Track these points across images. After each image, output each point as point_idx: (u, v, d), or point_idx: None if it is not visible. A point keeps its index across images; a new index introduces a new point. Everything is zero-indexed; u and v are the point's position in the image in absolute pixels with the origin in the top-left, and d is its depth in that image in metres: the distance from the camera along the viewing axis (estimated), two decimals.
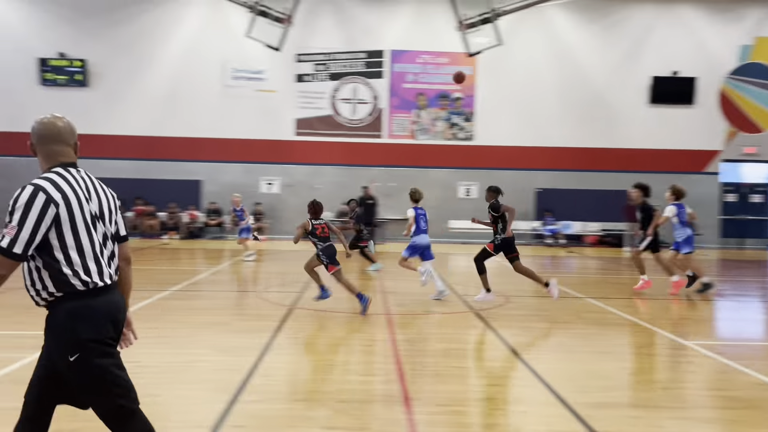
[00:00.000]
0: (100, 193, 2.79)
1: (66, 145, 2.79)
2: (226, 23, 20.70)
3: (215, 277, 11.56)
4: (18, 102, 20.43)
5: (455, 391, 4.96)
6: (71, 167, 2.75)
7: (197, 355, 5.74)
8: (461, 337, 7.05)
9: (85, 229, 2.64)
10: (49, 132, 2.77)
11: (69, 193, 2.61)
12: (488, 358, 6.03)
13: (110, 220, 2.81)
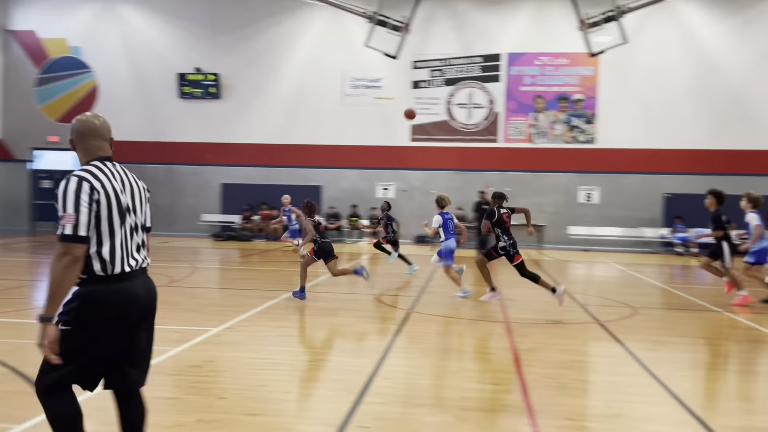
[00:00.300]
0: (133, 186, 2.98)
1: (103, 140, 3.01)
2: (345, 34, 21.37)
3: (336, 279, 11.92)
4: (160, 114, 22.32)
5: (582, 405, 4.79)
6: (107, 161, 2.95)
7: (321, 355, 5.96)
8: (586, 348, 6.79)
9: (118, 219, 2.83)
10: (88, 128, 2.99)
11: (106, 184, 2.81)
12: (616, 372, 5.75)
13: (141, 211, 3.00)
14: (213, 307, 8.56)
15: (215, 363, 5.54)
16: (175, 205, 22.32)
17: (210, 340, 6.41)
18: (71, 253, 2.67)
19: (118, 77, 22.44)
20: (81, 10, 22.41)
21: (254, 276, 12.13)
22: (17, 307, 8.36)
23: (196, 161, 22.27)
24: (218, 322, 7.25)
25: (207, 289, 10.50)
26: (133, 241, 2.93)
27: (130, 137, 22.44)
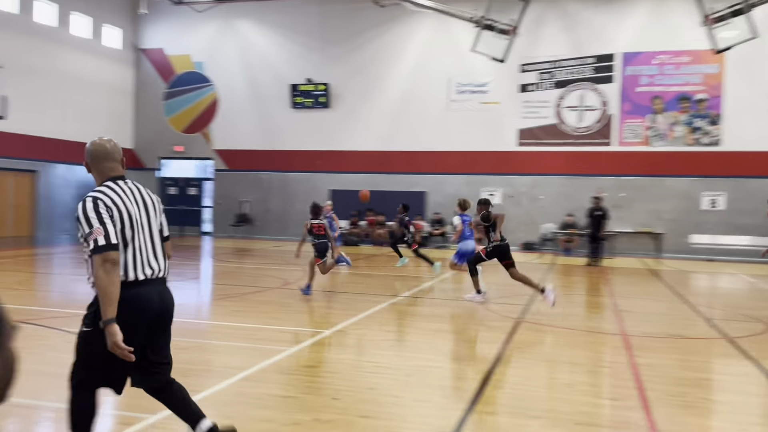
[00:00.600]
0: (146, 199, 3.22)
1: (115, 162, 3.22)
2: (451, 40, 21.36)
3: (442, 285, 11.92)
4: (274, 124, 23.38)
5: (710, 427, 4.47)
6: (119, 180, 3.18)
7: (431, 361, 5.97)
8: (713, 366, 6.33)
9: (131, 231, 3.06)
10: (100, 152, 3.20)
11: (118, 201, 3.06)
12: (749, 393, 5.32)
13: (156, 223, 3.23)
14: (323, 309, 8.83)
15: (329, 364, 5.71)
16: (287, 211, 23.25)
17: (322, 342, 6.61)
18: (109, 259, 2.92)
19: (235, 89, 23.77)
20: (204, 27, 23.97)
21: (362, 280, 12.37)
22: None
23: (307, 168, 23.09)
24: (329, 325, 7.46)
25: (317, 291, 10.84)
26: (147, 251, 3.15)
27: (246, 146, 23.69)
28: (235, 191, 23.71)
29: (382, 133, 22.35)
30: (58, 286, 10.86)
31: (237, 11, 23.47)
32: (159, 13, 24.01)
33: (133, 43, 24.70)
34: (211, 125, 24.11)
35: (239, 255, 17.55)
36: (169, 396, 3.46)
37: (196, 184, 24.86)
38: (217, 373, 5.42)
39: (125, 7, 24.14)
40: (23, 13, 19.74)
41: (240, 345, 6.50)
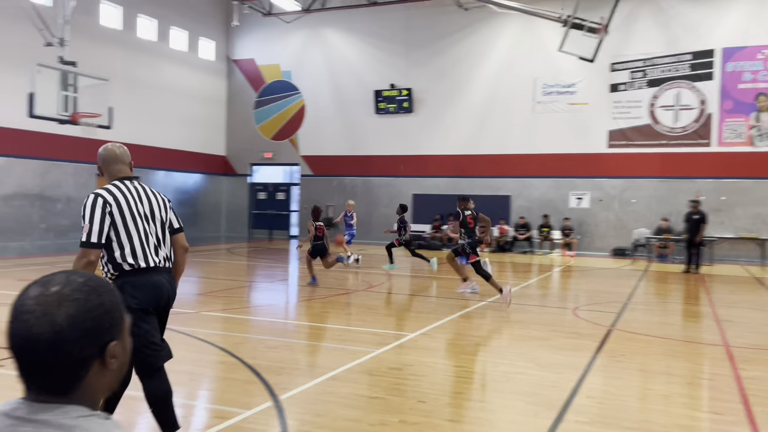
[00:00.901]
0: (150, 198, 3.53)
1: (123, 164, 3.56)
2: (537, 41, 20.93)
3: (526, 291, 11.67)
4: (358, 130, 23.75)
5: None
6: (126, 180, 3.51)
7: (517, 367, 5.85)
8: None
9: (133, 225, 3.38)
10: (111, 156, 3.56)
11: (120, 198, 3.38)
12: None
13: (160, 218, 3.53)
14: (408, 312, 8.87)
15: (414, 367, 5.73)
16: (370, 215, 23.54)
17: (407, 345, 6.64)
18: (87, 256, 3.28)
19: (321, 96, 24.34)
20: (292, 37, 24.72)
21: (446, 284, 12.31)
22: (240, 305, 9.42)
23: (390, 173, 23.29)
24: (414, 328, 7.49)
25: (402, 295, 10.89)
26: (150, 242, 3.46)
27: (331, 152, 24.19)
28: (320, 196, 24.26)
29: (466, 136, 22.19)
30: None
31: (323, 20, 24.05)
32: (250, 25, 25.00)
33: (226, 54, 25.84)
34: (298, 132, 24.81)
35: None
36: (157, 383, 3.48)
37: (284, 189, 25.64)
38: (305, 372, 5.57)
39: (219, 20, 25.31)
40: (126, 30, 21.11)
41: (326, 345, 6.65)
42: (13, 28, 16.31)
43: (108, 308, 1.16)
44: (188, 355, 6.11)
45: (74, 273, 1.16)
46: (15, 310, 1.11)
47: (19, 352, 1.09)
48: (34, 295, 1.10)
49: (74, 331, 1.09)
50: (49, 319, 1.08)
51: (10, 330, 1.09)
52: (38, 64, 11.83)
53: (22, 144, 17.49)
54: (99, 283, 1.17)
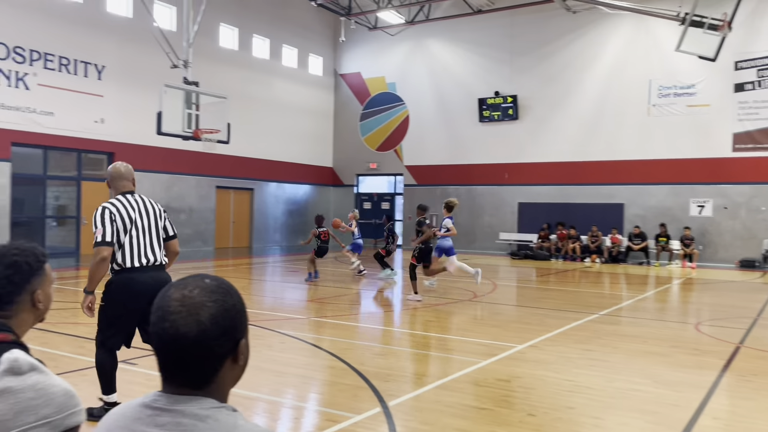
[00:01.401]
0: (149, 208, 4.29)
1: (127, 180, 4.31)
2: (652, 40, 19.93)
3: (642, 304, 11.07)
4: (462, 139, 23.66)
5: None
6: (128, 194, 4.28)
7: (634, 384, 5.57)
8: None
9: (133, 231, 4.17)
10: (117, 173, 4.31)
11: (122, 209, 4.16)
12: None
13: (154, 226, 4.28)
14: (515, 324, 8.69)
15: (522, 379, 5.60)
16: (474, 224, 23.33)
17: (515, 356, 6.51)
18: (101, 253, 4.08)
19: (425, 107, 24.50)
20: (396, 49, 25.12)
21: (553, 296, 11.95)
22: (347, 312, 9.64)
23: (495, 181, 22.97)
24: (522, 340, 7.32)
25: (508, 306, 10.70)
26: (145, 246, 4.22)
27: (435, 161, 24.25)
28: None
29: (575, 142, 21.47)
30: (270, 292, 12.04)
31: (427, 31, 24.24)
32: (356, 39, 25.68)
33: (334, 69, 26.69)
34: (402, 142, 25.09)
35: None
36: (99, 356, 4.39)
37: (388, 198, 26.00)
38: (412, 379, 5.61)
39: (327, 36, 26.20)
40: (242, 50, 22.37)
41: (433, 354, 6.65)
42: (144, 53, 17.78)
43: (240, 308, 1.26)
44: (299, 359, 6.34)
45: (207, 276, 1.26)
46: (161, 311, 1.20)
47: (167, 350, 1.19)
48: (178, 297, 1.20)
49: (216, 329, 1.19)
50: (195, 319, 1.18)
51: (158, 330, 1.19)
52: (165, 84, 12.79)
53: (150, 159, 18.98)
54: (229, 286, 1.27)
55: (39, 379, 1.43)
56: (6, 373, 1.41)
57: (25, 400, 1.39)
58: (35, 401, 1.40)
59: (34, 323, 1.88)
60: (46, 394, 1.42)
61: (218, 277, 1.27)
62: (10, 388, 1.39)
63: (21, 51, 15.95)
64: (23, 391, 1.40)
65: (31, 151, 16.70)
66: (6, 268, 1.75)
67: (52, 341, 6.75)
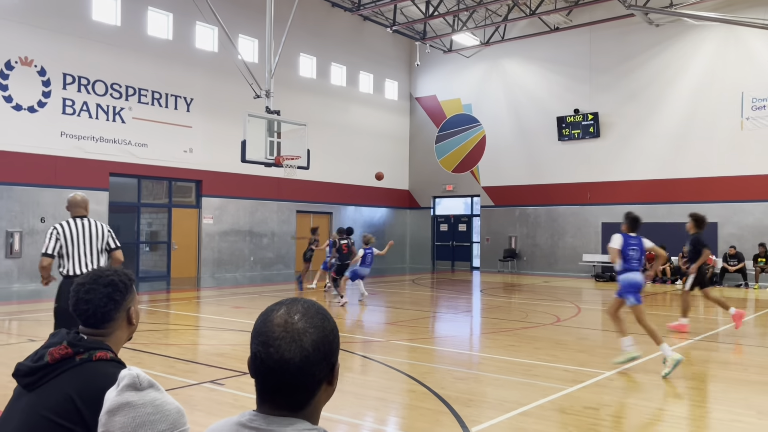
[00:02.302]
0: (92, 229, 5.33)
1: (80, 208, 5.42)
2: (743, 51, 18.94)
3: (742, 329, 10.36)
4: (541, 158, 23.22)
5: None
6: (78, 218, 5.36)
7: (735, 414, 5.20)
8: None
9: (74, 247, 5.22)
10: (72, 202, 5.42)
11: (67, 230, 5.24)
12: None
13: (98, 242, 5.34)
14: (602, 349, 8.34)
15: (612, 408, 5.36)
16: (555, 245, 22.71)
17: (602, 383, 6.24)
18: (42, 262, 5.19)
19: (501, 127, 24.25)
20: (472, 70, 25.10)
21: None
22: (426, 335, 9.58)
23: (576, 201, 22.34)
24: (609, 366, 7.02)
25: (593, 330, 10.30)
26: (86, 259, 5.25)
27: (513, 182, 23.89)
28: (502, 226, 24.00)
29: (661, 159, 20.58)
30: (351, 314, 12.15)
31: (502, 51, 24.10)
32: (431, 62, 25.87)
33: (409, 92, 26.97)
34: (479, 163, 24.91)
35: (508, 290, 17.61)
36: None
37: (465, 220, 25.80)
38: (494, 405, 5.48)
39: (402, 61, 26.56)
40: (320, 78, 23.02)
41: (515, 380, 6.48)
42: (229, 85, 18.65)
43: (336, 333, 1.30)
44: (380, 382, 6.34)
45: (301, 300, 1.30)
46: (264, 336, 1.23)
47: (270, 375, 1.22)
48: (280, 323, 1.23)
49: (317, 355, 1.23)
50: (298, 345, 1.21)
51: (262, 355, 1.22)
52: (249, 114, 13.33)
53: (234, 186, 19.77)
54: (325, 311, 1.31)
55: (156, 396, 1.52)
56: (128, 387, 1.51)
57: (145, 415, 1.48)
58: (153, 416, 1.49)
59: (126, 341, 2.00)
60: (163, 410, 1.51)
61: (313, 301, 1.31)
62: (132, 403, 1.49)
63: (118, 87, 17.12)
64: (144, 406, 1.49)
65: (127, 180, 17.80)
66: (105, 286, 1.88)
67: (145, 361, 7.09)
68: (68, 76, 16.14)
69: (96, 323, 1.88)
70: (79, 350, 1.77)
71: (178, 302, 13.28)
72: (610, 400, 5.59)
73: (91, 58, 16.55)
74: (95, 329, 1.88)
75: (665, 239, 19.87)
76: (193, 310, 12.22)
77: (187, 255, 19.01)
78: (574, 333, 9.75)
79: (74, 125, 16.25)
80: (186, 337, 9.13)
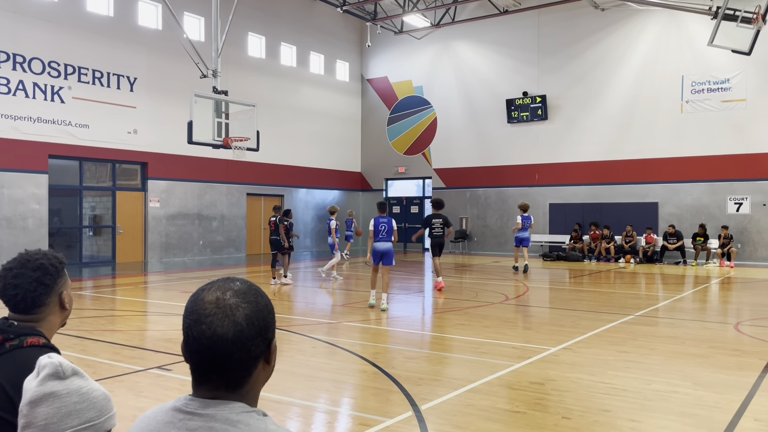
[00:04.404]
0: None
1: None
2: (684, 36, 19.56)
3: (680, 305, 10.83)
4: (490, 140, 23.50)
5: None
6: None
7: (672, 386, 5.44)
8: None
9: None
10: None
11: None
12: None
13: None
14: (548, 326, 8.57)
15: (556, 382, 5.52)
16: (504, 226, 23.13)
17: (548, 359, 6.42)
18: None
19: (452, 109, 24.41)
20: (423, 52, 25.10)
21: (587, 297, 11.76)
22: (378, 316, 9.63)
23: (525, 183, 22.75)
24: (555, 342, 7.22)
25: (540, 308, 10.57)
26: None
27: (464, 164, 24.14)
28: (453, 209, 24.25)
29: (606, 141, 21.14)
30: (302, 297, 12.11)
31: (453, 33, 24.17)
32: (382, 44, 25.74)
33: (360, 74, 26.79)
34: (431, 145, 25.03)
35: (459, 270, 17.87)
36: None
37: (417, 202, 25.96)
38: (444, 383, 5.57)
39: (353, 42, 26.33)
40: (269, 58, 22.61)
41: (465, 357, 6.60)
42: (175, 64, 18.11)
43: (270, 309, 1.26)
44: (332, 364, 6.36)
45: (235, 279, 1.27)
46: (195, 314, 1.20)
47: (203, 352, 1.18)
48: (211, 300, 1.20)
49: (251, 329, 1.19)
50: (231, 320, 1.18)
51: (194, 333, 1.19)
52: (196, 94, 12.99)
53: (182, 168, 19.29)
54: (258, 288, 1.27)
55: (81, 384, 1.46)
56: (50, 377, 1.43)
57: (71, 404, 1.42)
58: (79, 405, 1.43)
59: (60, 326, 1.93)
60: (89, 398, 1.45)
61: (245, 279, 1.28)
62: (56, 393, 1.42)
63: (56, 65, 16.40)
64: (69, 395, 1.43)
65: (68, 162, 17.14)
66: (34, 270, 1.80)
67: (89, 348, 6.90)
68: (2, 53, 15.36)
69: (26, 308, 1.80)
70: (9, 336, 1.70)
71: (124, 288, 12.95)
72: (555, 375, 5.75)
73: (27, 35, 15.79)
74: (25, 315, 1.81)
75: (609, 219, 20.54)
76: (140, 296, 11.94)
77: (133, 239, 18.51)
78: (522, 311, 9.98)
79: (9, 105, 15.51)
80: (132, 323, 8.93)
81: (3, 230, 15.41)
